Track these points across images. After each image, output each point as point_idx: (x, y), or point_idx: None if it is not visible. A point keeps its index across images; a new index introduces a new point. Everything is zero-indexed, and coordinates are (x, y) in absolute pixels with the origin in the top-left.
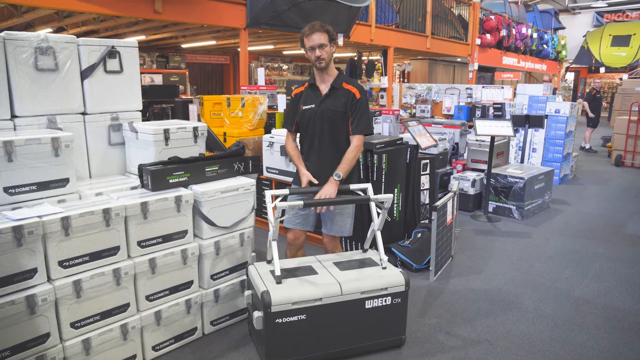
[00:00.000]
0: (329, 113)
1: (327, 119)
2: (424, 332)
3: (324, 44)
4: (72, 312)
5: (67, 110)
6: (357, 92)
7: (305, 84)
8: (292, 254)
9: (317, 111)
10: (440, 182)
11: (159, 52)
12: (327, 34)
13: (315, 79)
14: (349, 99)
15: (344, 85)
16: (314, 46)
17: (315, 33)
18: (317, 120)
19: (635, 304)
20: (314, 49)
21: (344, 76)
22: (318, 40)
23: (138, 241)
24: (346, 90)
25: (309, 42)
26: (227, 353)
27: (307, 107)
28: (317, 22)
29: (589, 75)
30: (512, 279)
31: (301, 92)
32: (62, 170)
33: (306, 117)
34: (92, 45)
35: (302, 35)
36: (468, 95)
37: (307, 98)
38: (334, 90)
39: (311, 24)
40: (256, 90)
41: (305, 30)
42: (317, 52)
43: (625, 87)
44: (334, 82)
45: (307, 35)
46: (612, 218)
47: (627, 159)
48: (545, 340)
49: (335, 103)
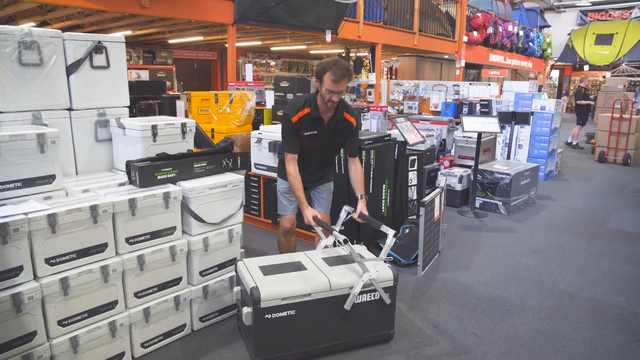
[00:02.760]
0: (330, 142)
1: (328, 146)
2: (412, 326)
3: (344, 90)
4: (59, 310)
5: (52, 106)
6: (354, 121)
7: (305, 110)
8: (288, 241)
9: (317, 137)
10: (427, 178)
11: (146, 48)
12: (349, 78)
13: (319, 112)
14: (349, 128)
15: (344, 115)
16: (335, 92)
17: (343, 80)
18: (317, 145)
19: (616, 297)
20: (333, 93)
21: (343, 104)
22: (342, 88)
23: (126, 238)
24: (346, 121)
25: (333, 86)
26: (217, 349)
27: (308, 134)
28: (347, 66)
29: (573, 73)
30: (498, 273)
31: (301, 118)
32: (48, 167)
33: (306, 142)
34: (78, 40)
35: (326, 71)
36: (455, 92)
37: (309, 125)
38: (336, 122)
39: (341, 66)
40: (244, 87)
41: (334, 70)
42: (335, 97)
43: (608, 85)
44: (337, 115)
45: (334, 81)
46: (596, 213)
47: (609, 156)
48: (530, 332)
49: (337, 133)
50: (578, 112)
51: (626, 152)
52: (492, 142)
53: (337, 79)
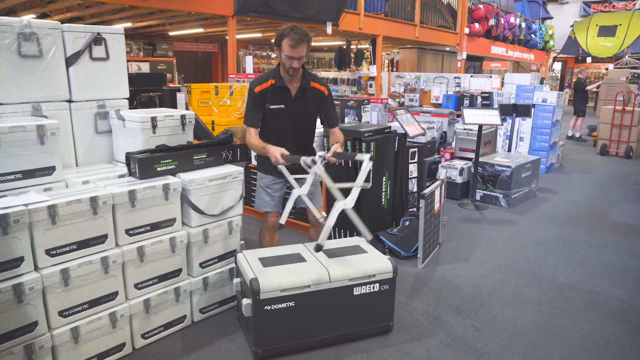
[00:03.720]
0: (301, 114)
1: (299, 119)
2: (411, 318)
3: (304, 55)
4: (60, 301)
5: (52, 97)
6: (325, 89)
7: (270, 82)
8: (272, 237)
9: (287, 112)
10: (428, 170)
11: (146, 40)
12: (307, 43)
13: (283, 80)
14: (320, 98)
15: (312, 85)
16: (294, 57)
17: (301, 45)
18: (286, 119)
19: (617, 290)
20: (292, 59)
21: (309, 74)
22: (301, 53)
23: (126, 229)
24: (316, 90)
25: (291, 51)
26: (216, 340)
27: (275, 107)
28: (303, 30)
29: (575, 65)
30: (498, 265)
31: (265, 89)
32: (48, 158)
33: (274, 117)
34: (77, 31)
35: (283, 37)
36: (456, 84)
37: (274, 97)
38: (303, 91)
39: (298, 31)
40: (244, 79)
41: (291, 36)
42: (295, 64)
43: (611, 77)
44: (303, 83)
45: (292, 46)
46: (597, 206)
47: (611, 148)
48: (529, 325)
49: (307, 104)
50: (576, 104)
51: (628, 144)
52: (493, 135)
53: (295, 44)
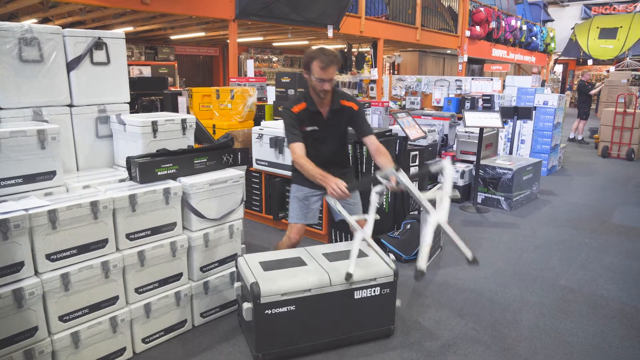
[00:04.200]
0: (335, 132)
1: (333, 137)
2: (412, 321)
3: (333, 78)
4: (61, 306)
5: (53, 102)
6: (354, 105)
7: (303, 104)
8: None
9: (321, 132)
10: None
11: (147, 44)
12: (337, 65)
13: (314, 104)
14: (350, 114)
15: (342, 103)
16: (325, 79)
17: (331, 67)
18: (321, 139)
19: (618, 292)
20: (323, 82)
21: (337, 93)
22: (331, 75)
23: (127, 234)
24: (345, 107)
25: (321, 73)
26: (217, 344)
27: (310, 129)
28: (333, 52)
29: (577, 67)
30: (499, 268)
31: (301, 111)
32: (49, 163)
33: (310, 137)
34: (78, 36)
35: (312, 59)
36: (457, 87)
37: (308, 120)
38: (334, 112)
39: (328, 52)
40: (245, 82)
41: (321, 58)
42: (326, 86)
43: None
44: (333, 105)
45: (324, 68)
46: (598, 208)
47: (613, 150)
48: (531, 328)
49: (339, 123)
50: (580, 106)
51: (630, 146)
52: (494, 137)
53: (325, 66)
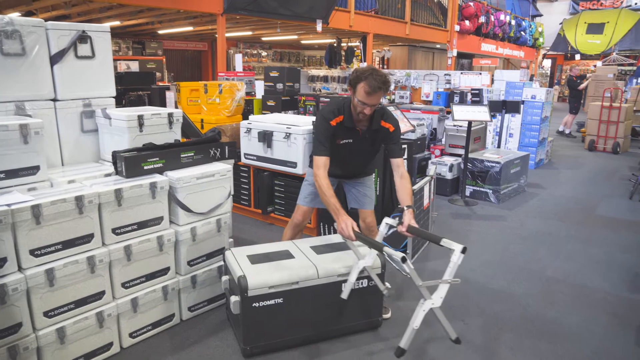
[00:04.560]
0: (366, 149)
1: (364, 152)
2: (400, 313)
3: (378, 103)
4: (45, 301)
5: (36, 96)
6: (391, 127)
7: (341, 117)
8: (293, 235)
9: (353, 146)
10: (418, 167)
11: (135, 39)
12: (385, 90)
13: (352, 122)
14: (385, 134)
15: (381, 124)
16: (368, 104)
17: (378, 93)
18: (353, 153)
19: (602, 282)
20: (366, 105)
21: (379, 113)
22: (376, 101)
23: (112, 228)
24: (383, 129)
25: (367, 98)
26: (206, 338)
27: (344, 142)
28: (383, 76)
29: (565, 62)
30: (487, 260)
31: (338, 124)
32: (32, 158)
33: (343, 149)
34: (61, 29)
35: (360, 80)
36: (447, 81)
37: (343, 133)
38: (372, 132)
39: (378, 76)
40: (234, 77)
41: (369, 81)
42: (367, 110)
43: (599, 74)
44: (373, 125)
45: (369, 93)
46: (584, 201)
47: (599, 144)
48: (517, 318)
49: (374, 142)
50: (570, 101)
51: (615, 140)
52: (483, 131)
53: (372, 91)
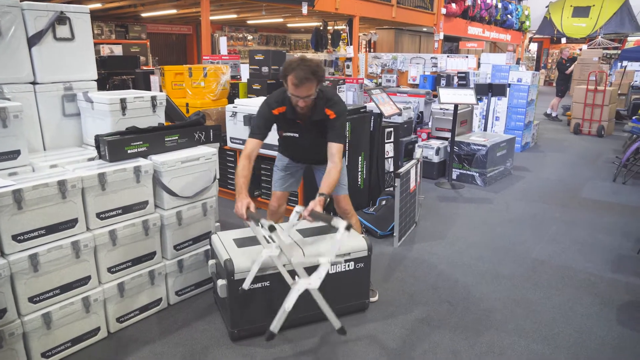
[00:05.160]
0: (313, 140)
1: (311, 143)
2: (387, 295)
3: (312, 94)
4: (30, 287)
5: (14, 79)
6: (332, 114)
7: (283, 108)
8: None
9: (301, 139)
10: (405, 150)
11: (118, 22)
12: (317, 81)
13: (294, 112)
14: (327, 120)
15: (326, 112)
16: (299, 96)
17: (306, 84)
18: (301, 144)
19: (585, 263)
20: (298, 97)
21: (322, 100)
22: (306, 92)
23: (97, 213)
24: (325, 115)
25: (296, 90)
26: (193, 322)
27: (288, 135)
28: (313, 65)
29: (551, 45)
30: (473, 243)
31: (280, 113)
32: (12, 142)
33: (288, 141)
34: (38, 10)
35: (288, 72)
36: (433, 64)
37: (288, 125)
38: (315, 122)
39: (305, 66)
40: (219, 60)
41: (293, 71)
42: (300, 102)
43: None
44: (316, 115)
45: (296, 85)
46: (569, 183)
47: (584, 127)
48: (502, 299)
49: (320, 130)
50: (558, 83)
51: (600, 123)
52: (469, 114)
53: (299, 83)
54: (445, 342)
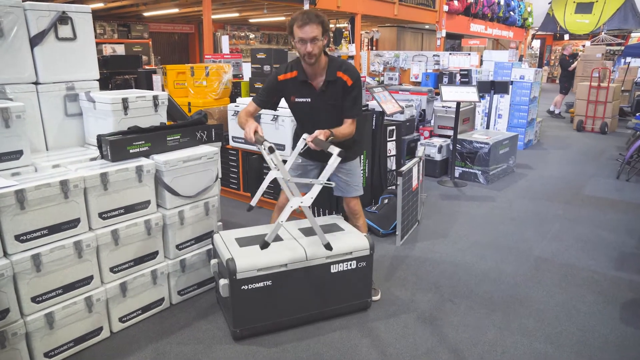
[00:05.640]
0: (328, 107)
1: (326, 111)
2: (389, 294)
3: (317, 37)
4: (33, 287)
5: (17, 79)
6: (349, 79)
7: (294, 73)
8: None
9: (314, 105)
10: (407, 148)
11: (120, 21)
12: (322, 26)
13: (305, 74)
14: (343, 87)
15: (338, 74)
16: (305, 39)
17: (308, 25)
18: (314, 112)
19: (588, 260)
20: (305, 42)
21: (335, 62)
22: (311, 33)
23: (99, 213)
24: (340, 81)
25: (300, 33)
26: (196, 322)
27: (300, 100)
28: (313, 10)
29: (554, 42)
30: (476, 241)
31: (288, 80)
32: (15, 142)
33: (301, 109)
34: (40, 10)
35: (293, 22)
36: (435, 62)
37: (300, 90)
38: (328, 84)
39: (305, 11)
40: (220, 59)
41: (297, 18)
42: (308, 47)
43: (587, 54)
44: (328, 76)
45: (300, 26)
46: (572, 181)
47: (587, 124)
48: (505, 298)
49: (333, 96)
50: (561, 80)
51: (603, 120)
52: (472, 112)
53: (303, 23)
54: (448, 341)
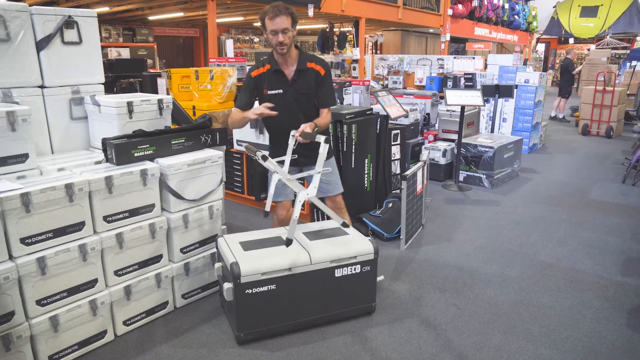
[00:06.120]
0: (299, 97)
1: (298, 102)
2: (394, 299)
3: (287, 28)
4: (38, 290)
5: (23, 83)
6: (321, 69)
7: (267, 66)
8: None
9: (285, 96)
10: (412, 152)
11: (125, 25)
12: (291, 18)
13: (278, 64)
14: (315, 78)
15: (309, 65)
16: (276, 30)
17: (279, 17)
18: (286, 104)
19: (594, 266)
20: (276, 33)
21: (305, 55)
22: (282, 25)
23: (104, 216)
24: (312, 70)
25: (271, 25)
26: (199, 325)
27: (273, 92)
28: (281, 3)
29: (558, 46)
30: (480, 245)
31: (262, 74)
32: (20, 146)
33: (273, 102)
34: (46, 14)
35: (264, 15)
36: (440, 66)
37: (272, 82)
38: (299, 73)
39: (275, 5)
40: (225, 63)
41: (268, 11)
42: (279, 37)
43: (592, 58)
44: (299, 65)
45: (271, 18)
46: (577, 185)
47: (593, 128)
48: (510, 303)
49: (305, 85)
50: (562, 84)
51: (609, 124)
52: (476, 116)
53: (274, 15)
54: (453, 346)
